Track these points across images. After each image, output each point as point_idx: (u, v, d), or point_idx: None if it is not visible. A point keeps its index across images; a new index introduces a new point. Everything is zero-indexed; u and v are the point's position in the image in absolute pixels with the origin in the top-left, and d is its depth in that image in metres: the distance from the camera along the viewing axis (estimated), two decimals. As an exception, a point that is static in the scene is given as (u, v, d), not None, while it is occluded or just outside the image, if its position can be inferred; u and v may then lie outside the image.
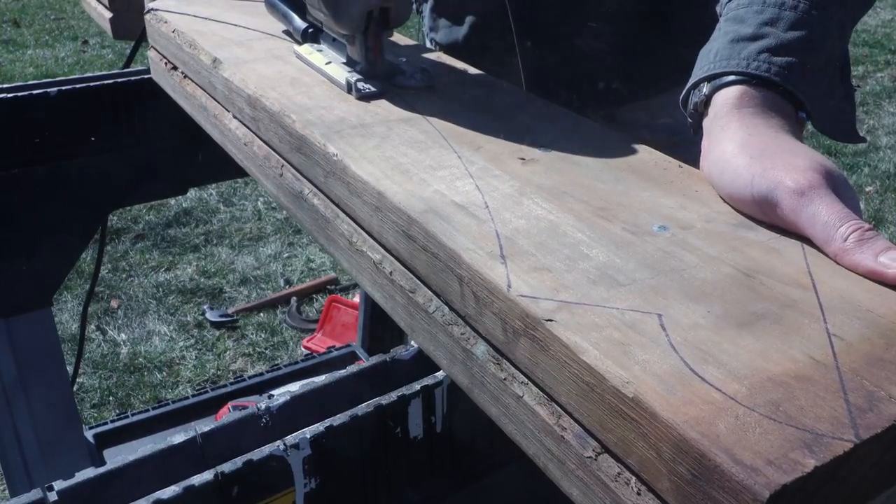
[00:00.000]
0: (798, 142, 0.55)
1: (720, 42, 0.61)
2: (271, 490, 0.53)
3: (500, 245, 0.50)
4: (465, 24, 1.05)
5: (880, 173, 3.50)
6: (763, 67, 0.58)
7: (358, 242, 0.62)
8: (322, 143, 0.65)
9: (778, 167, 0.51)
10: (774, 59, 0.58)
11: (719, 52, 0.60)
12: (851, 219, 0.48)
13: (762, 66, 0.58)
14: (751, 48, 0.59)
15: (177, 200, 3.20)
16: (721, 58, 0.60)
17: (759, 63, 0.58)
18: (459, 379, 0.52)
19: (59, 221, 1.16)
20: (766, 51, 0.58)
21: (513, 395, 0.47)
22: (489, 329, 0.48)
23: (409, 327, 0.57)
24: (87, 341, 2.47)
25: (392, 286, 0.58)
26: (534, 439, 0.46)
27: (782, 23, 0.59)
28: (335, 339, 2.39)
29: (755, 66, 0.58)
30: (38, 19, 5.85)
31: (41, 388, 1.24)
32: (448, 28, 1.08)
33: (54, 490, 0.49)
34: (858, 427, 0.36)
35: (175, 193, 1.30)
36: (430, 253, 0.52)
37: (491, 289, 0.47)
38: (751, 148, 0.53)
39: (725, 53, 0.60)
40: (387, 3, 0.73)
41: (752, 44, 0.59)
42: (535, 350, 0.44)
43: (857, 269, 0.47)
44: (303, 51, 0.85)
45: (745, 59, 0.58)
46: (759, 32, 0.59)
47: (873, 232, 0.47)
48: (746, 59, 0.58)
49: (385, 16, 0.75)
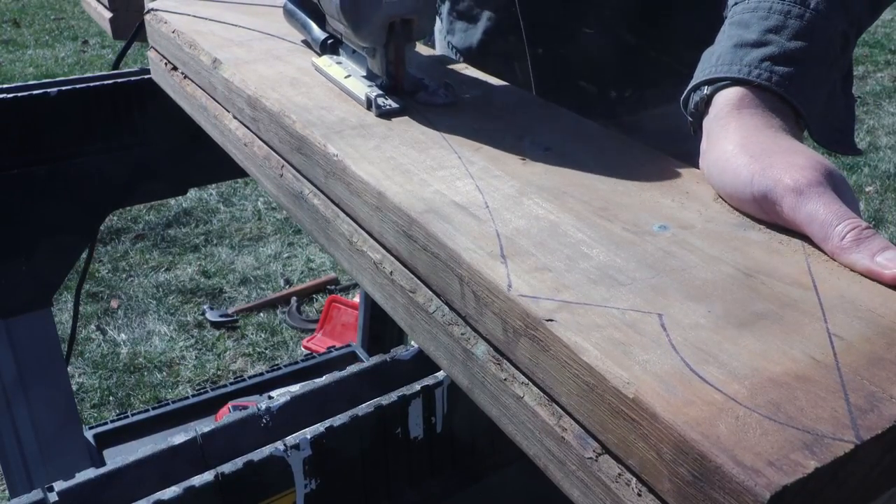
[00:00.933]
0: (797, 141, 0.55)
1: (723, 46, 0.61)
2: (271, 490, 0.53)
3: (501, 245, 0.50)
4: (480, 28, 1.04)
5: (880, 173, 3.50)
6: (764, 76, 0.58)
7: (358, 242, 0.62)
8: (322, 144, 0.65)
9: (777, 166, 0.51)
10: (776, 69, 0.58)
11: (721, 56, 0.60)
12: (849, 217, 0.48)
13: (763, 74, 0.58)
14: (753, 55, 0.59)
15: (177, 200, 3.19)
16: (723, 62, 0.60)
17: (761, 71, 0.58)
18: (460, 379, 0.52)
19: (59, 221, 1.16)
20: (768, 59, 0.58)
21: (513, 395, 0.46)
22: (489, 329, 0.48)
23: (410, 327, 0.57)
24: (87, 342, 2.47)
25: (392, 286, 0.58)
26: (534, 440, 0.46)
27: (787, 31, 0.59)
28: (335, 339, 2.39)
29: (756, 74, 0.58)
30: (38, 19, 5.85)
31: (41, 388, 1.24)
32: (464, 31, 1.07)
33: (55, 490, 0.49)
34: (859, 428, 0.36)
35: (175, 193, 1.30)
36: (431, 253, 0.52)
37: (491, 289, 0.47)
38: (750, 147, 0.53)
39: (727, 58, 0.60)
40: (410, 14, 0.69)
41: (754, 50, 0.59)
42: (535, 350, 0.44)
43: (854, 268, 0.47)
44: (321, 63, 0.81)
45: (746, 66, 0.58)
46: (763, 39, 0.59)
47: (871, 231, 0.47)
48: (748, 66, 0.58)
49: (408, 27, 0.70)
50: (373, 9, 0.68)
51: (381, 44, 0.71)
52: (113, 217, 3.03)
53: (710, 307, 0.44)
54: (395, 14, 0.69)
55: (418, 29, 0.71)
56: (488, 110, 0.72)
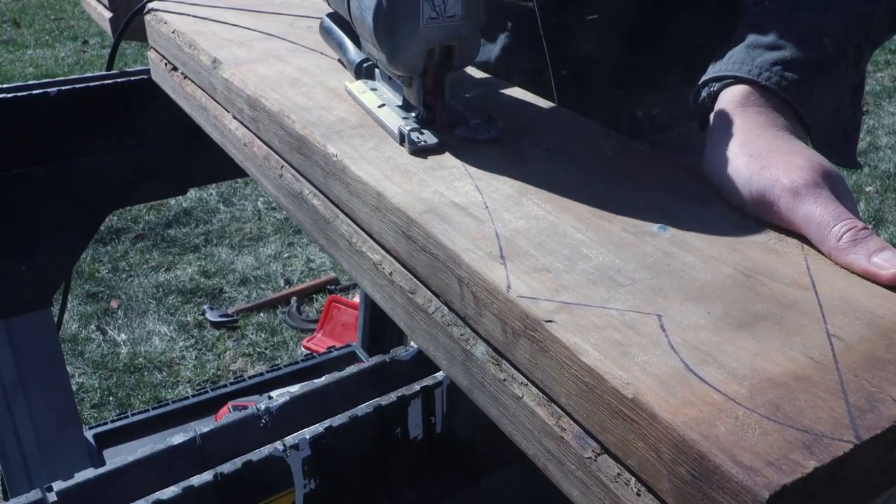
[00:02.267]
0: (798, 141, 0.55)
1: (737, 45, 0.61)
2: (271, 490, 0.53)
3: (500, 246, 0.50)
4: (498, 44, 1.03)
5: (880, 173, 3.50)
6: (773, 80, 0.58)
7: (358, 243, 0.62)
8: (322, 144, 0.65)
9: (775, 166, 0.51)
10: (786, 74, 0.58)
11: (734, 55, 0.61)
12: (846, 218, 0.48)
13: (773, 77, 0.58)
14: (765, 57, 0.59)
15: (177, 200, 3.20)
16: (735, 61, 0.60)
17: (771, 74, 0.58)
18: (459, 380, 0.52)
19: (59, 221, 1.16)
20: (779, 63, 0.59)
21: (512, 395, 0.47)
22: (489, 330, 0.48)
23: (409, 328, 0.57)
24: (87, 342, 2.47)
25: (392, 287, 0.58)
26: (533, 440, 0.46)
27: (801, 38, 0.60)
28: (335, 339, 2.39)
29: (766, 77, 0.58)
30: (38, 19, 5.85)
31: (41, 388, 1.24)
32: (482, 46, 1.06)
33: (54, 490, 0.49)
34: (858, 428, 0.36)
35: (175, 193, 1.30)
36: (430, 254, 0.52)
37: (490, 290, 0.47)
38: (750, 146, 0.53)
39: (739, 57, 0.60)
40: (451, 41, 0.61)
41: (767, 53, 0.59)
42: (534, 351, 0.44)
43: (851, 269, 0.47)
44: (354, 88, 0.74)
45: (757, 68, 0.59)
46: (777, 43, 0.60)
47: (868, 231, 0.47)
48: (759, 68, 0.59)
49: (448, 56, 0.63)
50: (410, 34, 0.60)
51: (419, 73, 0.63)
52: (113, 217, 3.03)
53: (710, 308, 0.44)
54: (435, 41, 0.61)
55: (460, 57, 0.63)
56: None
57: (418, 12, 0.60)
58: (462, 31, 0.61)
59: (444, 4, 0.60)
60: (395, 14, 0.60)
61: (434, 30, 0.60)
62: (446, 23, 0.61)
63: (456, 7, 0.60)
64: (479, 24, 0.62)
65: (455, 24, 0.61)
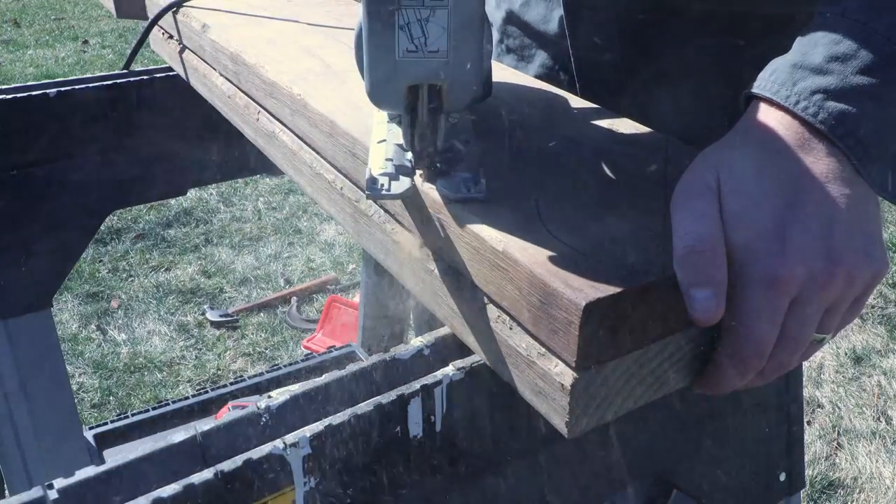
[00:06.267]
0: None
1: (784, 61, 0.54)
2: (271, 488, 0.53)
3: None
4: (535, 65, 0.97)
5: (880, 173, 3.50)
6: (811, 111, 0.51)
7: (317, 167, 0.74)
8: (289, 86, 0.77)
9: (678, 210, 0.50)
10: (827, 104, 0.51)
11: (777, 71, 0.54)
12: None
13: (810, 108, 0.51)
14: (808, 83, 0.52)
15: (177, 200, 3.20)
16: (776, 81, 0.53)
17: (808, 105, 0.51)
18: (392, 267, 0.65)
19: (59, 221, 1.16)
20: (822, 91, 0.51)
21: (426, 270, 0.60)
22: (412, 222, 0.60)
23: (356, 233, 0.69)
24: (87, 342, 2.47)
25: (343, 199, 0.70)
26: (443, 304, 0.59)
27: (855, 62, 0.51)
28: (335, 339, 2.39)
29: (802, 107, 0.51)
30: (38, 19, 5.86)
31: (41, 388, 1.24)
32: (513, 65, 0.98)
33: (54, 488, 0.49)
34: (665, 268, 0.48)
35: (175, 194, 1.30)
36: None
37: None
38: (704, 182, 0.51)
39: (781, 77, 0.53)
40: (434, 79, 0.54)
41: (812, 77, 0.52)
42: (446, 238, 0.56)
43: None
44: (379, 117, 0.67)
45: (795, 95, 0.52)
46: (826, 67, 0.52)
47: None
48: (797, 95, 0.51)
49: (436, 96, 0.55)
50: (384, 67, 0.54)
51: (403, 110, 0.56)
52: (113, 217, 3.03)
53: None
54: (416, 77, 0.54)
55: (451, 99, 0.55)
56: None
57: (393, 44, 0.53)
58: (448, 69, 0.53)
59: (423, 37, 0.52)
60: (370, 43, 0.53)
61: (411, 65, 0.53)
62: (427, 58, 0.53)
63: (440, 42, 0.53)
64: (476, 60, 0.54)
65: (438, 60, 0.53)
